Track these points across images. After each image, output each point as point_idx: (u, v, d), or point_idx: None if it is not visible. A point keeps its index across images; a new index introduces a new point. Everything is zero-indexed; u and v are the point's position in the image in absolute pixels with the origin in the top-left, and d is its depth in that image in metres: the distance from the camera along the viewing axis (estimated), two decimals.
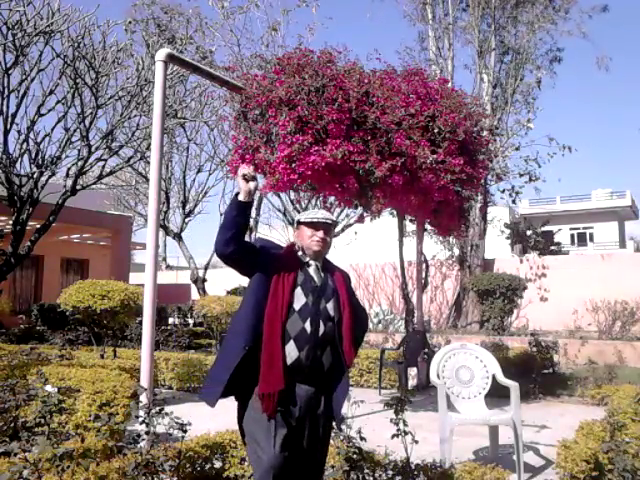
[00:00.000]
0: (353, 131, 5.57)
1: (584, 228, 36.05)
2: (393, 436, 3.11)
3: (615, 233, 35.76)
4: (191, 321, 16.01)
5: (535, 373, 7.57)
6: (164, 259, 25.74)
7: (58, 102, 9.06)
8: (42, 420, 3.26)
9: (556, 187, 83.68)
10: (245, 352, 2.41)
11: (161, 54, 4.73)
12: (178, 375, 8.04)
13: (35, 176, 8.91)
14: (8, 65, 8.30)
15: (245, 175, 2.48)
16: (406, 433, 3.09)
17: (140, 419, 2.99)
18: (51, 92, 8.91)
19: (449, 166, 5.85)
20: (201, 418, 3.74)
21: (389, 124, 5.62)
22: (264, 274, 2.52)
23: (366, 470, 3.16)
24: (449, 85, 7.32)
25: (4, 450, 2.91)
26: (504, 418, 4.28)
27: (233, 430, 3.59)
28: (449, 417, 4.21)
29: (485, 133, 7.24)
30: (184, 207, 15.84)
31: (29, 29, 8.09)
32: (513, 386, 4.30)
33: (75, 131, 9.22)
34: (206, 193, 16.31)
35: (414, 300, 8.46)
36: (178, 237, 15.52)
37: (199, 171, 16.03)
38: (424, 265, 8.66)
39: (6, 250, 8.94)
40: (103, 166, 9.97)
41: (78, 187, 9.42)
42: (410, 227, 9.96)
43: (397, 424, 3.08)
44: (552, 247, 25.47)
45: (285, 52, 7.08)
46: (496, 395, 4.69)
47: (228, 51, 13.84)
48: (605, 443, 3.19)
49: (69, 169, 9.53)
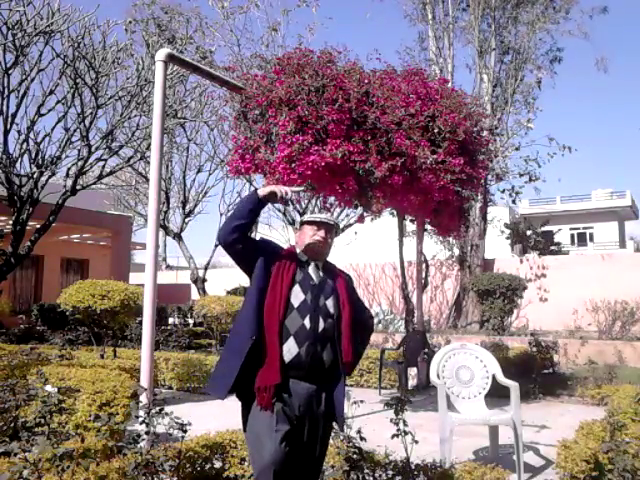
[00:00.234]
0: (353, 131, 5.57)
1: (584, 228, 36.04)
2: (393, 436, 3.11)
3: (615, 233, 35.76)
4: (191, 321, 16.02)
5: (535, 373, 7.58)
6: (164, 259, 25.74)
7: (58, 102, 9.05)
8: (42, 420, 3.26)
9: (556, 187, 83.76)
10: (252, 342, 2.43)
11: (161, 54, 4.73)
12: (178, 375, 8.04)
13: (35, 176, 8.90)
14: (8, 65, 8.29)
15: (278, 195, 2.55)
16: (406, 433, 3.09)
17: (140, 419, 2.99)
18: (51, 92, 8.90)
19: (449, 166, 5.86)
20: (201, 418, 3.75)
21: (389, 124, 5.62)
22: (264, 270, 2.55)
23: (366, 470, 3.16)
24: (449, 85, 7.33)
25: (4, 450, 2.91)
26: (504, 418, 4.28)
27: (233, 430, 3.60)
28: (449, 417, 4.21)
29: (485, 133, 7.25)
30: (184, 207, 15.84)
31: (29, 29, 8.08)
32: (513, 386, 4.30)
33: (75, 131, 9.21)
34: (206, 193, 16.35)
35: (414, 300, 8.47)
36: (178, 237, 15.53)
37: (199, 171, 16.04)
38: (424, 265, 8.67)
39: (6, 250, 8.93)
40: (103, 166, 9.96)
41: (78, 187, 9.41)
42: (410, 227, 9.98)
43: (397, 424, 3.08)
44: (552, 247, 25.50)
45: (285, 52, 7.08)
46: (496, 395, 4.68)
47: (228, 51, 13.88)
48: (605, 443, 3.19)
49: (69, 169, 9.52)
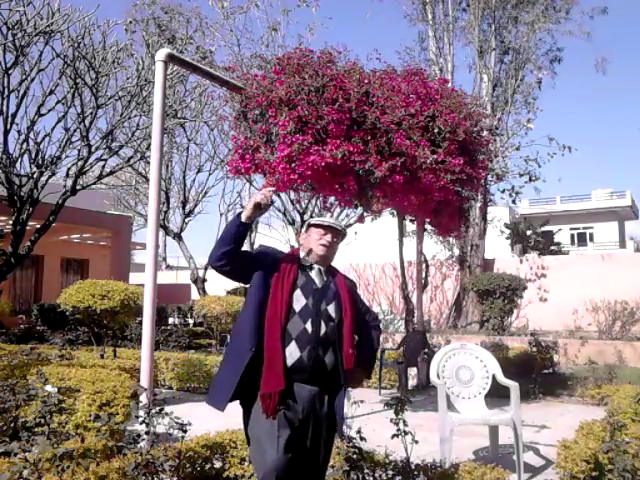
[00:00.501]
0: (353, 131, 5.57)
1: (584, 228, 36.04)
2: (393, 436, 3.11)
3: (615, 233, 35.76)
4: (191, 321, 16.02)
5: (535, 373, 7.58)
6: (164, 259, 25.77)
7: (58, 102, 9.05)
8: (42, 420, 3.26)
9: (556, 187, 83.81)
10: (252, 354, 2.42)
11: (161, 54, 4.73)
12: (178, 375, 8.04)
13: (35, 176, 8.90)
14: (8, 65, 8.29)
15: (261, 204, 2.47)
16: (406, 433, 3.09)
17: (140, 419, 2.99)
18: (51, 92, 8.90)
19: (449, 166, 5.85)
20: (201, 418, 3.74)
21: (389, 124, 5.61)
22: (264, 278, 2.53)
23: (366, 470, 3.16)
24: (449, 85, 7.32)
25: (4, 450, 2.91)
26: (504, 418, 4.28)
27: (233, 430, 3.60)
28: (449, 417, 4.21)
29: (485, 133, 7.24)
30: (184, 207, 15.84)
31: (29, 29, 8.08)
32: (513, 386, 4.30)
33: (75, 131, 9.21)
34: (206, 193, 16.33)
35: (414, 300, 8.46)
36: (178, 237, 15.52)
37: (199, 171, 16.03)
38: (424, 265, 8.67)
39: (6, 250, 8.93)
40: (103, 166, 9.96)
41: (78, 187, 9.41)
42: (410, 227, 9.97)
43: (397, 424, 3.08)
44: (552, 247, 25.50)
45: (285, 52, 7.08)
46: (496, 395, 4.68)
47: (228, 51, 13.86)
48: (605, 443, 3.19)
49: (69, 169, 9.52)
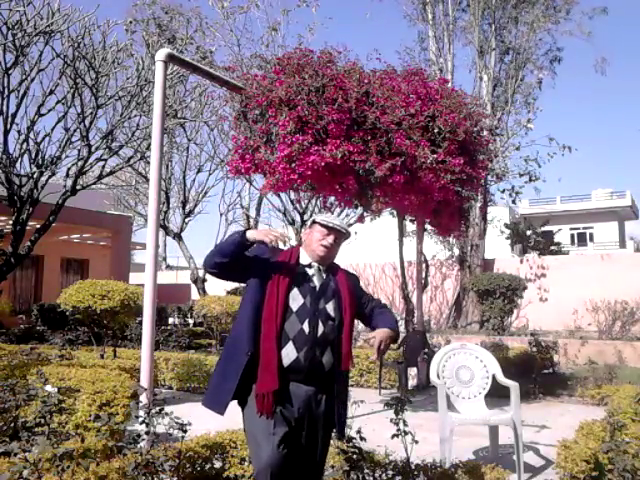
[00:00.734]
0: (353, 131, 5.57)
1: (584, 228, 36.04)
2: (393, 436, 3.11)
3: (615, 233, 35.76)
4: (191, 321, 16.02)
5: (535, 373, 7.58)
6: (164, 259, 25.76)
7: (58, 102, 9.05)
8: (42, 420, 3.26)
9: (556, 187, 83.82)
10: (248, 357, 2.42)
11: (161, 54, 4.73)
12: (178, 375, 8.04)
13: (35, 176, 8.90)
14: (8, 65, 8.29)
15: (268, 245, 2.44)
16: (406, 433, 3.09)
17: (140, 419, 2.99)
18: (51, 92, 8.90)
19: (449, 166, 5.85)
20: (201, 418, 3.73)
21: (389, 124, 5.61)
22: (260, 278, 2.52)
23: (366, 470, 3.16)
24: (449, 85, 7.32)
25: (4, 450, 2.91)
26: (504, 418, 4.28)
27: (233, 430, 3.59)
28: (449, 417, 4.21)
29: (485, 133, 7.24)
30: (184, 207, 15.84)
31: (29, 29, 8.08)
32: (513, 386, 4.30)
33: (75, 131, 9.21)
34: (206, 193, 16.34)
35: (414, 300, 8.47)
36: (178, 237, 15.52)
37: (199, 171, 16.03)
38: (424, 265, 8.68)
39: (6, 250, 8.94)
40: (103, 166, 9.97)
41: (78, 187, 9.42)
42: (410, 227, 9.97)
43: (397, 424, 3.07)
44: (552, 247, 25.51)
45: (285, 52, 7.07)
46: (496, 395, 4.68)
47: (228, 51, 13.86)
48: (605, 443, 3.19)
49: (69, 169, 9.52)
